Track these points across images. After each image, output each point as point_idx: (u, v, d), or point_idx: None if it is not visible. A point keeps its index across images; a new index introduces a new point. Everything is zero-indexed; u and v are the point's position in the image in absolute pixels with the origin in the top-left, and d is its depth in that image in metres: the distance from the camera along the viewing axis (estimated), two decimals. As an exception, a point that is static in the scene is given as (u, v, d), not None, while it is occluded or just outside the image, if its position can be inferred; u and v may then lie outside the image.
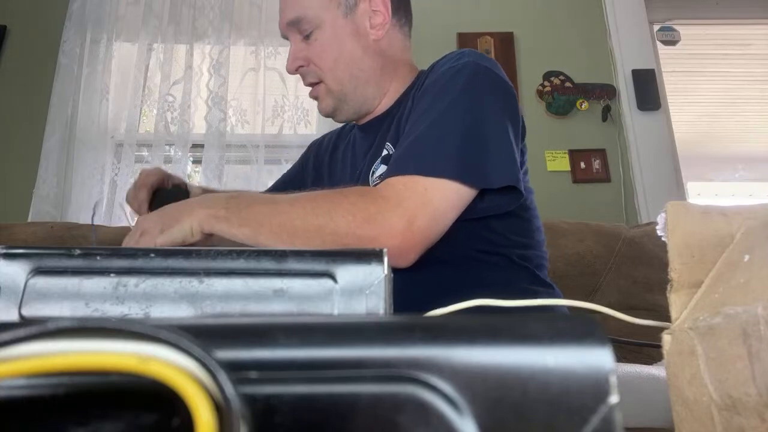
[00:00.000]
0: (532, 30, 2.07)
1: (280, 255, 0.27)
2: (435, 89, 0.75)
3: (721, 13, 2.31)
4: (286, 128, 1.92)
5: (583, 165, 1.91)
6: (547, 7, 2.11)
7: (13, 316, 0.26)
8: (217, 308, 0.26)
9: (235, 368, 0.16)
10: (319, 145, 1.08)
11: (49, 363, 0.15)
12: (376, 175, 0.80)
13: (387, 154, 0.81)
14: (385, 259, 0.27)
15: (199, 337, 0.16)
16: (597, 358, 0.17)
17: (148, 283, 0.27)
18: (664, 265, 0.29)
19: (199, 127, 1.89)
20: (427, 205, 0.65)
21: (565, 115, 1.98)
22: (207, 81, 1.91)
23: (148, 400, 0.16)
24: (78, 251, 0.27)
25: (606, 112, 1.96)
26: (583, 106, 1.98)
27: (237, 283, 0.27)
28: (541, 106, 1.99)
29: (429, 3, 2.06)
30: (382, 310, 0.26)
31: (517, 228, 0.79)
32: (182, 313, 0.26)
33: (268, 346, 0.17)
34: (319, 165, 1.03)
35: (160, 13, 1.98)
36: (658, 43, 2.19)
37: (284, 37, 0.88)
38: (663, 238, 0.30)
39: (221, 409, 0.14)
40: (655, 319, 0.31)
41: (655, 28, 2.20)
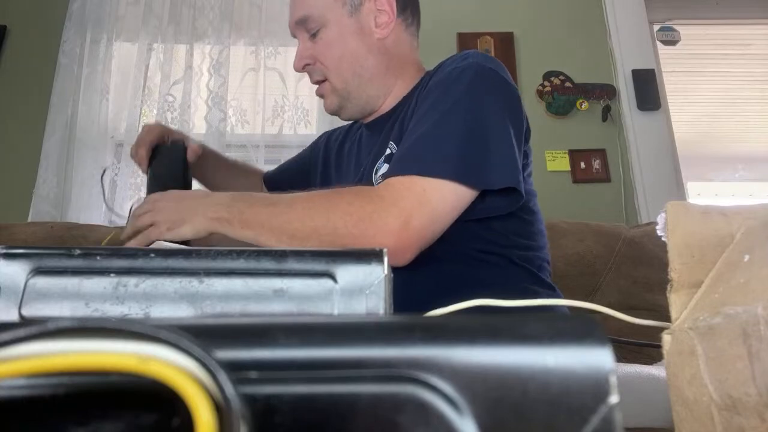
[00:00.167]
0: (532, 30, 2.07)
1: (280, 255, 0.27)
2: (438, 90, 0.76)
3: (721, 13, 2.30)
4: (286, 128, 1.92)
5: (583, 165, 1.91)
6: (547, 7, 2.11)
7: (13, 316, 0.26)
8: (217, 308, 0.26)
9: (235, 368, 0.16)
10: (329, 137, 1.09)
11: (49, 363, 0.15)
12: (379, 174, 0.81)
13: (390, 153, 0.81)
14: (385, 259, 0.27)
15: (199, 337, 0.16)
16: (597, 358, 0.17)
17: (148, 283, 0.27)
18: (664, 265, 0.29)
19: (199, 127, 1.89)
20: (425, 205, 0.66)
21: (565, 115, 1.98)
22: (207, 81, 1.91)
23: (148, 400, 0.16)
24: (78, 251, 0.27)
25: (606, 112, 1.96)
26: (583, 106, 1.98)
27: (237, 283, 0.27)
28: (541, 106, 1.99)
29: (429, 3, 2.04)
30: (382, 310, 0.26)
31: (519, 229, 0.79)
32: (182, 313, 0.26)
33: (268, 346, 0.17)
34: (327, 158, 1.04)
35: (160, 13, 1.98)
36: (658, 43, 2.19)
37: (293, 35, 0.89)
38: (663, 238, 0.30)
39: (221, 409, 0.14)
40: (655, 319, 0.31)
41: (655, 28, 2.20)
